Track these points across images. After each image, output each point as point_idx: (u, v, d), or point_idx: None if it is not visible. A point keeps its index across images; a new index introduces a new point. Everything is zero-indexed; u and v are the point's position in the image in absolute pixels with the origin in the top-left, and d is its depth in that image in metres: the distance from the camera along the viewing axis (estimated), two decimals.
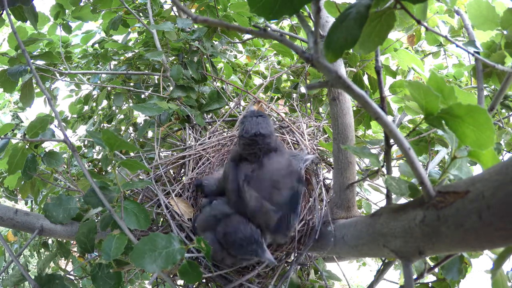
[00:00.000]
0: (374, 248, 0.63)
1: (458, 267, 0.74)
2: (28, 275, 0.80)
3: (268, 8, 0.41)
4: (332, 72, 0.40)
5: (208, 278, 0.91)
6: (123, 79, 1.61)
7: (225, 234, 0.79)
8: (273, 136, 0.79)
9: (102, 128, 1.74)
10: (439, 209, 0.46)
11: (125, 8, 1.40)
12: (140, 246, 0.62)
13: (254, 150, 0.78)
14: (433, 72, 0.51)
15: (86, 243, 0.80)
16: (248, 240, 0.76)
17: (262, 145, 0.77)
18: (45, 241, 1.66)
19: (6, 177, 1.29)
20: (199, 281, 0.87)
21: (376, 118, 0.44)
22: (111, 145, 0.68)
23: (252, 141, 0.77)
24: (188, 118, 1.28)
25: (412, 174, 0.54)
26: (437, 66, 1.80)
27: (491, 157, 0.52)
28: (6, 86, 1.20)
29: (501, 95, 0.86)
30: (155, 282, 1.04)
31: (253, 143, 0.77)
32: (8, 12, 0.82)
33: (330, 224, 0.82)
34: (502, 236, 0.39)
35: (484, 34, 0.97)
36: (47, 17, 1.50)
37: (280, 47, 1.46)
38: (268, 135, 0.76)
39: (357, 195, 1.09)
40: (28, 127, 0.90)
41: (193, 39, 1.24)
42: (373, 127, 1.35)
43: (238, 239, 0.76)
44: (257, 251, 0.76)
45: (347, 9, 0.44)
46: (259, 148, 0.77)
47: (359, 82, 1.18)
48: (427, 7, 0.65)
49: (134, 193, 1.11)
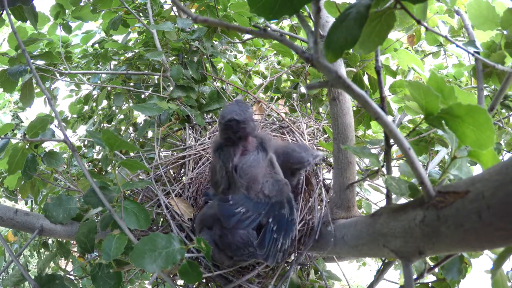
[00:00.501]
0: (374, 248, 0.63)
1: (458, 267, 0.74)
2: (28, 275, 0.80)
3: (268, 8, 0.41)
4: (332, 72, 0.40)
5: (208, 278, 0.91)
6: (123, 79, 1.61)
7: (221, 236, 0.78)
8: (249, 123, 0.81)
9: (102, 128, 1.74)
10: (439, 209, 0.46)
11: (125, 8, 1.40)
12: (140, 246, 0.62)
13: (229, 135, 0.80)
14: (433, 72, 0.51)
15: (86, 243, 0.80)
16: (245, 243, 0.76)
17: (237, 130, 0.79)
18: (45, 241, 1.66)
19: (6, 177, 1.29)
20: (199, 281, 0.87)
21: (376, 118, 0.44)
22: (111, 145, 0.68)
23: (226, 126, 0.79)
24: (188, 118, 1.28)
25: (412, 174, 0.54)
26: (437, 66, 1.80)
27: (491, 157, 0.52)
28: (6, 86, 1.20)
29: (501, 95, 0.86)
30: (155, 282, 1.04)
31: (228, 128, 0.79)
32: (8, 12, 0.82)
33: (330, 224, 0.82)
34: (502, 236, 0.39)
35: (484, 34, 0.97)
36: (47, 17, 1.50)
37: (280, 47, 1.46)
38: (242, 121, 0.79)
39: (357, 195, 1.09)
40: (28, 127, 0.90)
41: (193, 39, 1.24)
42: (373, 127, 1.35)
43: (235, 241, 0.76)
44: (254, 253, 0.76)
45: (347, 9, 0.44)
46: (233, 132, 0.80)
47: (359, 82, 1.18)
48: (427, 7, 0.65)
49: (134, 193, 1.11)
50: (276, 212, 0.79)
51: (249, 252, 0.76)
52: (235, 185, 0.82)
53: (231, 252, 0.78)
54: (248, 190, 0.80)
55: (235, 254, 0.78)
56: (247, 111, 0.81)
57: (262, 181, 0.81)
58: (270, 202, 0.79)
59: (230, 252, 0.78)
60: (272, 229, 0.78)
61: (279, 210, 0.79)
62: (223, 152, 0.84)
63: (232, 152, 0.82)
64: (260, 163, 0.83)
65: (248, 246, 0.76)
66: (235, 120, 0.78)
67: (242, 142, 0.83)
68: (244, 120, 0.79)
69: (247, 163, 0.81)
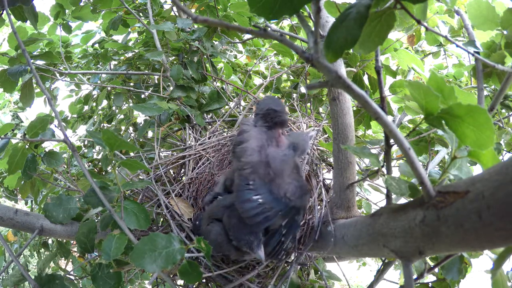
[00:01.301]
0: (374, 248, 0.63)
1: (458, 267, 0.74)
2: (28, 275, 0.80)
3: (268, 8, 0.41)
4: (332, 72, 0.40)
5: (208, 278, 0.91)
6: (123, 79, 1.61)
7: (229, 216, 0.81)
8: (284, 112, 0.90)
9: (102, 128, 1.74)
10: (439, 209, 0.46)
11: (125, 8, 1.40)
12: (140, 246, 0.62)
13: (267, 121, 0.87)
14: (433, 72, 0.51)
15: (86, 243, 0.80)
16: (248, 230, 0.77)
17: (274, 117, 0.87)
18: (45, 241, 1.66)
19: (6, 177, 1.29)
20: (199, 281, 0.87)
21: (376, 118, 0.44)
22: (111, 145, 0.68)
23: (265, 114, 0.87)
24: (188, 118, 1.28)
25: (412, 174, 0.54)
26: (437, 66, 1.80)
27: (491, 157, 0.52)
28: (6, 86, 1.20)
29: (501, 95, 0.86)
30: (155, 282, 1.04)
31: (267, 115, 0.87)
32: (8, 12, 0.82)
33: (330, 224, 0.82)
34: (502, 236, 0.39)
35: (484, 34, 0.97)
36: (47, 17, 1.50)
37: (280, 47, 1.46)
38: (279, 110, 0.88)
39: (357, 195, 1.09)
40: (28, 127, 0.90)
41: (193, 39, 1.24)
42: (373, 127, 1.35)
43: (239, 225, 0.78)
44: (253, 243, 0.77)
45: (347, 9, 0.44)
46: (271, 118, 0.87)
47: (359, 82, 1.18)
48: (427, 7, 0.65)
49: (134, 193, 1.11)
50: (291, 217, 0.80)
51: (248, 241, 0.77)
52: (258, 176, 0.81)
53: (234, 233, 0.79)
54: (271, 182, 0.79)
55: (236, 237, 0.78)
56: (281, 104, 0.91)
57: (287, 181, 0.81)
58: (289, 205, 0.79)
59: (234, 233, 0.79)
60: (281, 233, 0.79)
61: (294, 216, 0.80)
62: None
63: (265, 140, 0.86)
64: (289, 160, 0.85)
65: (249, 234, 0.77)
66: (273, 109, 0.87)
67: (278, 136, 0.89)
68: (281, 110, 0.88)
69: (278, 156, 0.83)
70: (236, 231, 0.78)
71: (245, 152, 0.82)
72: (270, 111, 0.87)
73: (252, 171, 0.80)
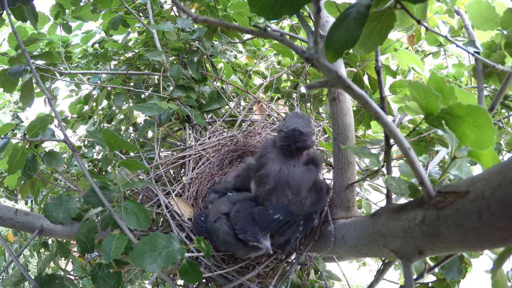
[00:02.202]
0: (374, 248, 0.63)
1: (458, 267, 0.74)
2: (28, 275, 0.80)
3: (268, 8, 0.41)
4: (332, 72, 0.40)
5: (208, 278, 0.91)
6: (123, 79, 1.61)
7: (238, 210, 0.83)
8: (310, 136, 0.84)
9: (102, 128, 1.74)
10: (439, 209, 0.46)
11: (125, 8, 1.40)
12: (140, 246, 0.62)
13: (289, 143, 0.82)
14: (433, 72, 0.51)
15: (86, 243, 0.80)
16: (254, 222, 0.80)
17: (298, 140, 0.82)
18: (45, 241, 1.66)
19: (6, 177, 1.29)
20: (199, 281, 0.87)
21: (376, 118, 0.44)
22: (111, 145, 0.68)
23: (289, 134, 0.82)
24: (188, 118, 1.28)
25: (412, 174, 0.54)
26: (437, 66, 1.80)
27: (491, 157, 0.52)
28: (6, 86, 1.20)
29: (501, 95, 0.86)
30: (155, 282, 1.04)
31: (290, 137, 0.82)
32: (8, 12, 0.82)
33: (330, 224, 0.82)
34: (502, 236, 0.39)
35: (484, 34, 0.97)
36: (47, 17, 1.50)
37: (280, 47, 1.46)
38: (305, 133, 0.82)
39: (357, 195, 1.09)
40: (28, 127, 0.90)
41: (193, 39, 1.24)
42: (373, 127, 1.35)
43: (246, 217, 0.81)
44: (258, 235, 0.79)
45: (347, 9, 0.44)
46: (294, 141, 0.82)
47: (359, 82, 1.18)
48: (427, 7, 0.65)
49: (134, 193, 1.11)
50: (308, 219, 0.83)
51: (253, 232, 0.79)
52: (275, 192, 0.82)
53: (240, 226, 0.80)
54: (289, 202, 0.81)
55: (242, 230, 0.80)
56: (309, 125, 0.84)
57: (305, 195, 0.82)
58: (307, 212, 0.82)
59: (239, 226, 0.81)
60: (299, 230, 0.82)
61: (311, 215, 0.84)
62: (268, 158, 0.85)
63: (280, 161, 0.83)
64: (310, 175, 0.83)
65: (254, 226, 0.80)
66: (299, 131, 0.81)
67: (298, 153, 0.84)
68: (307, 132, 0.82)
69: (297, 176, 0.82)
70: (242, 224, 0.80)
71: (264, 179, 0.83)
72: (296, 132, 0.81)
73: (271, 195, 0.82)
